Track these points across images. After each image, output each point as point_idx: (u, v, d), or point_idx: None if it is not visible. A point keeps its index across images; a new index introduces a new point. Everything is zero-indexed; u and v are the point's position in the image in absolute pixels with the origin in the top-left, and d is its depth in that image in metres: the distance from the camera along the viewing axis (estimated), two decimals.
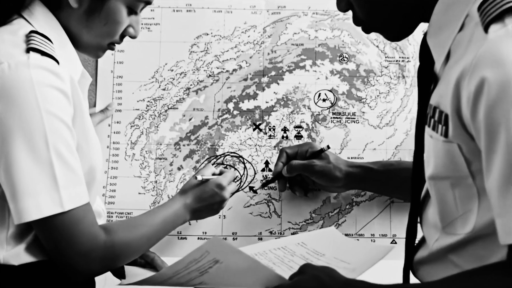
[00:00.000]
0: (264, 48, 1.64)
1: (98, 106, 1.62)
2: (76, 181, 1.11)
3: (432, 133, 1.00)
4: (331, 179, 1.46)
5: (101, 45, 1.27)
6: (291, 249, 1.22)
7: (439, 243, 1.05)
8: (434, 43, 1.05)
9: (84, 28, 1.22)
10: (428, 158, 1.05)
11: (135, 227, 1.24)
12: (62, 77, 1.11)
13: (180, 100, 1.62)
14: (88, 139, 1.20)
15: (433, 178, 1.03)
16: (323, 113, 1.61)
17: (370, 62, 1.63)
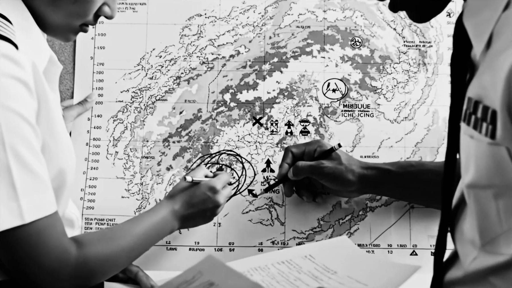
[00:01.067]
0: (266, 31, 1.51)
1: (76, 98, 1.49)
2: (39, 187, 1.00)
3: (473, 132, 0.87)
4: (343, 183, 1.32)
5: (71, 26, 1.16)
6: (297, 264, 1.10)
7: (477, 263, 0.91)
8: (472, 24, 0.92)
9: (51, 7, 1.12)
10: (467, 163, 0.91)
11: (113, 239, 1.13)
12: (22, 65, 1.00)
13: (169, 91, 1.49)
14: (57, 137, 1.09)
15: (473, 187, 0.89)
16: (332, 106, 1.47)
17: (387, 47, 1.49)
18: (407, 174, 1.33)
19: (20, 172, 0.97)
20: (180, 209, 1.26)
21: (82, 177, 1.44)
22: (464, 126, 0.90)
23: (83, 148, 1.45)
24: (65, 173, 1.11)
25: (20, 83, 0.99)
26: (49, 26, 1.16)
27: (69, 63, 1.49)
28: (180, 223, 1.26)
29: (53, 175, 1.07)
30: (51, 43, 1.48)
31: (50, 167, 1.05)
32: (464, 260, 0.94)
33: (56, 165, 1.08)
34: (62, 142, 1.11)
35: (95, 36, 1.49)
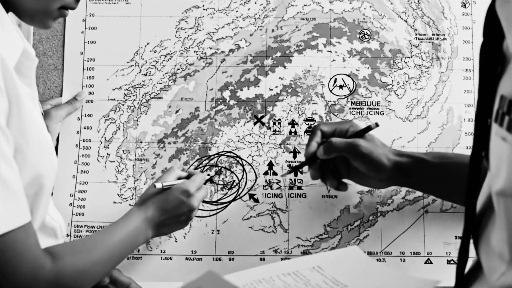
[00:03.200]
0: (268, 24, 1.47)
1: (64, 96, 1.45)
2: (9, 196, 0.96)
3: (506, 134, 0.83)
4: (377, 167, 1.26)
5: (48, 10, 1.13)
6: (305, 276, 1.06)
7: (506, 279, 0.86)
8: (506, 12, 0.87)
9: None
10: (497, 167, 0.87)
11: (88, 251, 1.10)
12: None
13: (165, 88, 1.45)
14: (31, 138, 1.06)
15: (503, 194, 0.84)
16: (339, 103, 1.44)
17: (397, 40, 1.46)
18: (443, 165, 1.28)
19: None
20: (153, 216, 1.23)
21: (72, 181, 1.40)
22: (496, 126, 0.86)
23: (73, 150, 1.41)
24: (42, 177, 1.08)
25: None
26: (24, 12, 1.13)
27: (57, 58, 1.45)
28: (154, 231, 1.24)
29: (27, 180, 1.04)
30: (38, 37, 1.44)
31: (24, 171, 1.03)
32: (490, 275, 0.89)
33: (31, 169, 1.05)
34: (39, 143, 1.09)
35: (85, 30, 1.46)
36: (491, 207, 0.90)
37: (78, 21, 1.46)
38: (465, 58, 1.44)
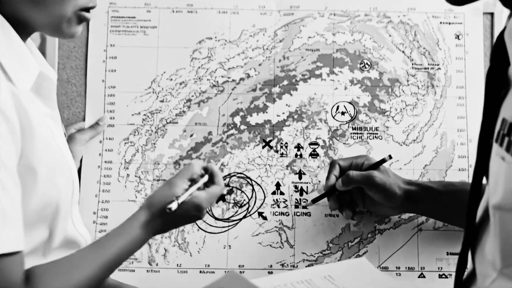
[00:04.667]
0: (275, 54, 1.58)
1: (87, 121, 1.56)
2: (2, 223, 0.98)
3: (505, 154, 0.92)
4: (390, 196, 1.39)
5: (63, 16, 1.15)
6: (316, 284, 1.16)
7: (497, 285, 0.96)
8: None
9: (34, 6, 1.13)
10: (495, 183, 0.96)
11: (73, 270, 1.08)
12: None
13: (180, 114, 1.57)
14: (44, 160, 1.11)
15: (499, 208, 0.94)
16: (341, 128, 1.55)
17: (395, 69, 1.57)
18: (449, 193, 1.39)
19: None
20: (157, 229, 1.20)
21: (94, 200, 1.51)
22: (496, 146, 0.94)
23: (95, 171, 1.53)
24: (58, 198, 1.13)
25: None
26: (42, 25, 1.16)
27: (80, 86, 1.57)
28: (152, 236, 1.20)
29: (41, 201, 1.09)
30: (63, 65, 1.56)
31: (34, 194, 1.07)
32: (482, 282, 0.99)
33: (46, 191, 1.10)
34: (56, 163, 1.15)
35: (106, 59, 1.57)
36: (487, 219, 0.98)
37: (99, 51, 1.57)
38: (458, 87, 1.55)
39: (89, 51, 1.58)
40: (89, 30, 1.58)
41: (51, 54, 1.56)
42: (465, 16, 1.57)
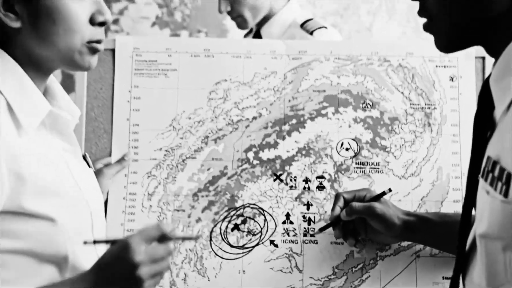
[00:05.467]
0: (285, 95, 1.71)
1: (114, 156, 1.69)
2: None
3: (489, 188, 1.01)
4: (390, 226, 1.50)
5: (75, 48, 1.22)
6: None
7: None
8: (497, 87, 1.06)
9: (42, 42, 1.20)
10: (481, 214, 1.05)
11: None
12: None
13: (198, 150, 1.69)
14: (64, 196, 1.22)
15: (484, 237, 1.03)
16: (346, 163, 1.67)
17: (395, 109, 1.69)
18: (444, 224, 1.50)
19: None
20: (87, 281, 1.14)
21: (120, 229, 1.64)
22: (482, 181, 1.04)
23: (121, 202, 1.65)
24: (87, 220, 1.25)
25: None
26: (59, 62, 1.23)
27: (107, 124, 1.70)
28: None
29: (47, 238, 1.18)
30: (91, 105, 1.70)
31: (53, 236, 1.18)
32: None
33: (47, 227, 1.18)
34: (71, 195, 1.23)
35: (131, 100, 1.70)
36: (475, 247, 1.06)
37: (124, 92, 1.70)
38: (452, 125, 1.68)
39: (115, 92, 1.71)
40: (115, 73, 1.71)
41: (80, 95, 1.70)
42: (459, 60, 1.71)
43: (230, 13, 2.51)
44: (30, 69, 1.23)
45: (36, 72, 1.25)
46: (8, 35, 1.21)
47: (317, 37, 2.40)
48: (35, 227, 1.18)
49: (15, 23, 1.19)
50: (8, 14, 1.18)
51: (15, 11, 1.19)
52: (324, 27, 2.44)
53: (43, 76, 1.27)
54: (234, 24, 2.61)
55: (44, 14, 1.19)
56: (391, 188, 1.54)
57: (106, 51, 1.71)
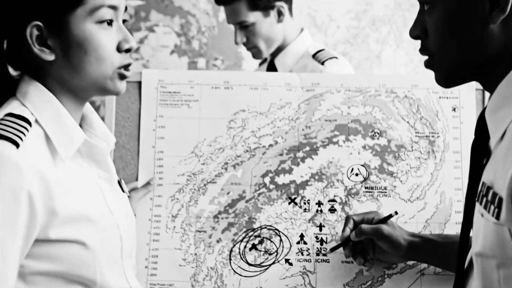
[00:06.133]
0: (299, 124, 1.82)
1: (140, 181, 1.80)
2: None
3: (484, 211, 1.10)
4: (396, 246, 1.60)
5: (107, 75, 1.30)
6: None
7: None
8: (492, 119, 1.15)
9: (75, 72, 1.27)
10: (476, 235, 1.14)
11: None
12: (18, 167, 1.16)
13: (218, 175, 1.80)
14: (93, 216, 1.29)
15: (480, 255, 1.12)
16: (356, 187, 1.78)
17: (401, 137, 1.81)
18: (446, 244, 1.59)
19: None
20: None
21: (146, 248, 1.75)
22: (478, 205, 1.13)
23: (146, 224, 1.77)
24: (97, 255, 1.28)
25: (7, 189, 1.14)
26: (92, 89, 1.30)
27: (133, 150, 1.82)
28: None
29: None
30: (119, 133, 1.83)
31: None
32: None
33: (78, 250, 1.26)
34: (103, 219, 1.31)
35: (156, 128, 1.81)
36: (473, 265, 1.16)
37: (150, 121, 1.82)
38: (454, 152, 1.79)
39: (141, 121, 1.82)
40: (141, 103, 1.84)
41: (109, 124, 1.82)
42: (460, 92, 1.82)
43: (246, 44, 2.64)
44: (65, 99, 1.31)
45: (71, 101, 1.33)
46: (43, 68, 1.29)
47: (328, 67, 2.51)
48: (66, 250, 1.25)
49: (50, 56, 1.26)
50: (42, 49, 1.26)
51: (48, 45, 1.27)
52: (335, 57, 2.56)
53: (78, 105, 1.35)
54: (250, 53, 2.74)
55: (76, 45, 1.26)
56: (397, 211, 1.64)
57: (133, 83, 1.83)
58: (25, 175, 1.17)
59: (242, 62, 3.17)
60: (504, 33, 1.14)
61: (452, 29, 1.16)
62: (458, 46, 1.17)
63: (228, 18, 2.65)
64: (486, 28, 1.14)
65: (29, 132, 1.22)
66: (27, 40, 1.25)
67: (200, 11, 3.12)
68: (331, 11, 3.14)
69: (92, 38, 1.27)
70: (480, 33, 1.14)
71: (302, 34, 2.67)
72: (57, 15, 1.25)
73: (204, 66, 3.15)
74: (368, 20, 3.16)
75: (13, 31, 1.28)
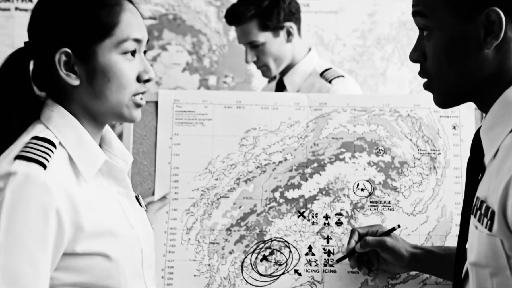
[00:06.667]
0: (307, 142, 1.91)
1: (156, 195, 1.89)
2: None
3: (478, 224, 1.17)
4: (398, 257, 1.67)
5: (124, 102, 1.37)
6: None
7: None
8: (486, 138, 1.23)
9: (97, 97, 1.35)
10: (471, 246, 1.21)
11: None
12: (47, 186, 1.24)
13: (231, 190, 1.88)
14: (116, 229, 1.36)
15: (475, 265, 1.19)
16: (361, 202, 1.87)
17: (404, 154, 1.89)
18: (446, 256, 1.66)
19: None
20: None
21: (162, 259, 1.82)
22: (472, 218, 1.20)
23: (162, 236, 1.85)
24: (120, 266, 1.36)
25: (40, 207, 1.22)
26: (110, 115, 1.37)
27: (151, 167, 1.91)
28: None
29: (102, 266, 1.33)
30: (136, 150, 1.92)
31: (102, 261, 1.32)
32: None
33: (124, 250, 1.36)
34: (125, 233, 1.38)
35: (171, 146, 1.90)
36: (469, 274, 1.23)
37: (166, 139, 1.90)
38: (455, 168, 1.87)
39: (158, 139, 1.91)
40: (157, 122, 1.92)
41: (127, 141, 1.91)
42: (460, 111, 1.90)
43: (256, 63, 2.74)
44: (86, 122, 1.39)
45: (91, 124, 1.40)
46: (67, 92, 1.37)
47: (335, 85, 2.60)
48: (92, 263, 1.32)
49: (75, 81, 1.34)
50: (69, 73, 1.34)
51: (74, 70, 1.34)
52: (342, 76, 2.64)
53: (98, 128, 1.43)
54: (259, 71, 2.84)
55: (100, 73, 1.34)
56: (399, 224, 1.72)
57: (150, 103, 1.92)
58: (53, 194, 1.24)
59: (252, 79, 3.26)
60: (497, 58, 1.22)
61: (449, 54, 1.24)
62: (455, 70, 1.25)
63: (239, 38, 2.75)
64: (481, 53, 1.22)
65: (54, 154, 1.30)
66: (55, 64, 1.33)
67: (211, 30, 3.22)
68: (337, 30, 3.24)
69: (116, 67, 1.35)
70: (475, 58, 1.22)
71: (310, 53, 2.77)
72: (86, 45, 1.34)
73: (215, 83, 3.23)
74: (374, 39, 3.26)
75: (43, 54, 1.36)
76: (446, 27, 1.24)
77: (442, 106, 1.33)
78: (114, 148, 1.50)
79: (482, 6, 1.20)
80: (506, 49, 1.21)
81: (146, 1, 3.18)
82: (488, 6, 1.19)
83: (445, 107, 1.33)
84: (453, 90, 1.28)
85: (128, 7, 1.39)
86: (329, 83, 2.62)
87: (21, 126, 1.37)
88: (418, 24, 1.30)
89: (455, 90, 1.28)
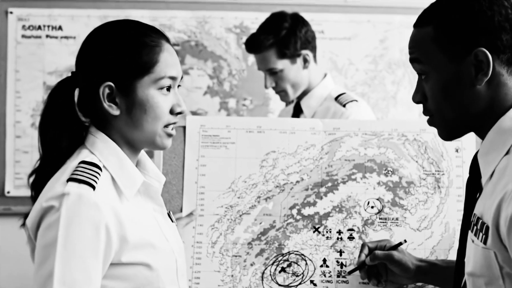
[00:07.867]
0: (322, 163, 2.03)
1: (184, 211, 2.03)
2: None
3: (474, 238, 1.27)
4: (405, 269, 1.77)
5: (157, 131, 1.48)
6: None
7: None
8: (483, 161, 1.33)
9: (134, 127, 1.45)
10: (468, 258, 1.31)
11: None
12: (97, 205, 1.37)
13: (252, 207, 2.01)
14: (156, 244, 1.48)
15: (471, 275, 1.30)
16: (371, 218, 2.00)
17: (411, 174, 2.02)
18: (448, 268, 1.75)
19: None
20: None
21: (190, 271, 1.96)
22: (470, 233, 1.31)
23: (189, 249, 1.98)
24: (159, 275, 1.48)
25: (91, 224, 1.35)
26: (144, 142, 1.48)
27: (178, 186, 2.05)
28: None
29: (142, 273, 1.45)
30: (165, 171, 2.08)
31: None
32: None
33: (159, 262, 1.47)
34: (162, 246, 1.49)
35: (198, 167, 2.04)
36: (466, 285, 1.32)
37: (193, 160, 2.04)
38: (457, 187, 2.00)
39: (185, 160, 2.05)
40: (185, 145, 2.07)
41: (157, 163, 2.05)
42: None
43: (275, 88, 2.88)
44: (125, 148, 1.50)
45: (129, 149, 1.52)
46: (107, 120, 1.48)
47: (349, 109, 2.72)
48: (135, 271, 1.45)
49: (116, 112, 1.46)
50: (111, 104, 1.46)
51: (116, 102, 1.46)
52: (355, 100, 2.77)
53: (135, 153, 1.54)
54: (277, 94, 2.98)
55: (138, 105, 1.46)
56: (406, 239, 1.85)
57: (178, 127, 2.05)
58: (102, 212, 1.38)
59: (269, 102, 3.38)
60: (489, 92, 1.35)
61: (446, 93, 1.37)
62: (452, 107, 1.37)
63: (258, 65, 2.90)
64: (474, 90, 1.35)
65: (100, 176, 1.42)
66: (99, 95, 1.46)
67: (231, 55, 3.35)
68: (350, 56, 3.37)
69: (153, 101, 1.46)
70: (469, 94, 1.35)
71: (325, 79, 2.90)
72: (128, 80, 1.46)
73: (234, 106, 3.36)
74: (385, 64, 3.38)
75: (88, 85, 1.48)
76: (440, 69, 1.37)
77: (446, 138, 1.45)
78: (148, 170, 1.62)
79: (470, 47, 1.33)
80: (496, 83, 1.34)
81: (170, 29, 3.31)
82: (476, 47, 1.32)
83: (449, 139, 1.45)
84: (453, 124, 1.40)
85: (166, 47, 1.51)
86: (343, 107, 2.73)
87: (69, 148, 1.49)
88: (416, 70, 1.43)
89: (454, 124, 1.40)
